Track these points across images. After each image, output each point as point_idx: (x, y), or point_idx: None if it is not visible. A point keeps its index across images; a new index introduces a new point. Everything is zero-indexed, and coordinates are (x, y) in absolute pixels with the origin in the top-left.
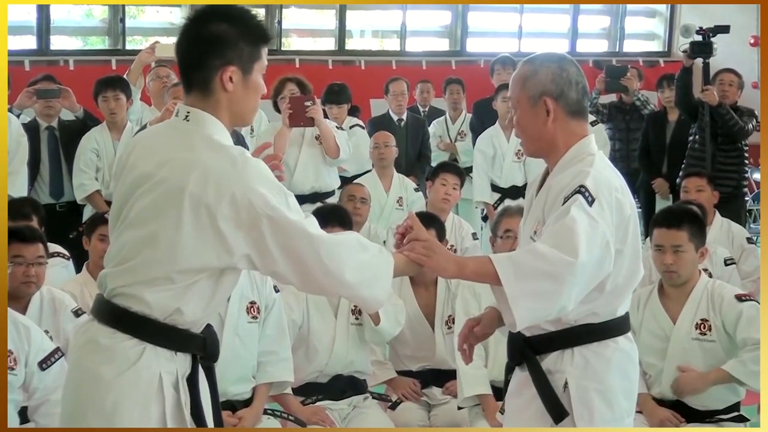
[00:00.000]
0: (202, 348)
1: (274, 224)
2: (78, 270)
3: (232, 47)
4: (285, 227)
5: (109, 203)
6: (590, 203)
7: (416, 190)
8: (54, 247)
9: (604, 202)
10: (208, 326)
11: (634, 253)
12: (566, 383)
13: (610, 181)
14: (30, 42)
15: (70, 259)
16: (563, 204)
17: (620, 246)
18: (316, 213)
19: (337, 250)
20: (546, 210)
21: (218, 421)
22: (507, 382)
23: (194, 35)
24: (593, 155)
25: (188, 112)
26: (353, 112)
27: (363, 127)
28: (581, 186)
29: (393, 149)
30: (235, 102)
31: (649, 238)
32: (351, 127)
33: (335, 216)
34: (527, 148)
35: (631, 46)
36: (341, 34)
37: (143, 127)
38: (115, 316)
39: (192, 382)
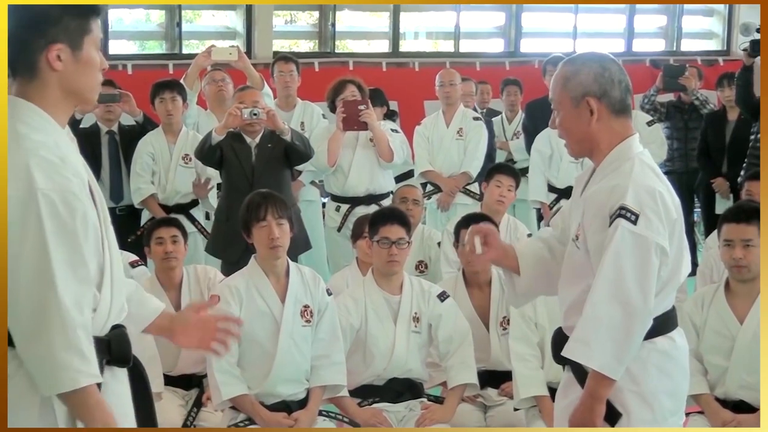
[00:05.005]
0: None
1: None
2: None
3: (55, 24)
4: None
5: (164, 207)
6: (634, 221)
7: (476, 119)
8: (129, 255)
9: (650, 213)
10: (116, 327)
11: (677, 255)
12: None
13: (652, 187)
14: None
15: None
16: (609, 225)
17: (668, 247)
18: (376, 215)
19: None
20: (585, 219)
21: (151, 421)
22: None
23: (14, 17)
24: (632, 159)
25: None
26: (390, 116)
27: (396, 131)
28: (621, 207)
29: (458, 87)
30: (69, 80)
31: (706, 237)
32: None
33: (395, 216)
34: (571, 149)
35: (688, 45)
36: (395, 36)
37: (208, 135)
38: None
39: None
